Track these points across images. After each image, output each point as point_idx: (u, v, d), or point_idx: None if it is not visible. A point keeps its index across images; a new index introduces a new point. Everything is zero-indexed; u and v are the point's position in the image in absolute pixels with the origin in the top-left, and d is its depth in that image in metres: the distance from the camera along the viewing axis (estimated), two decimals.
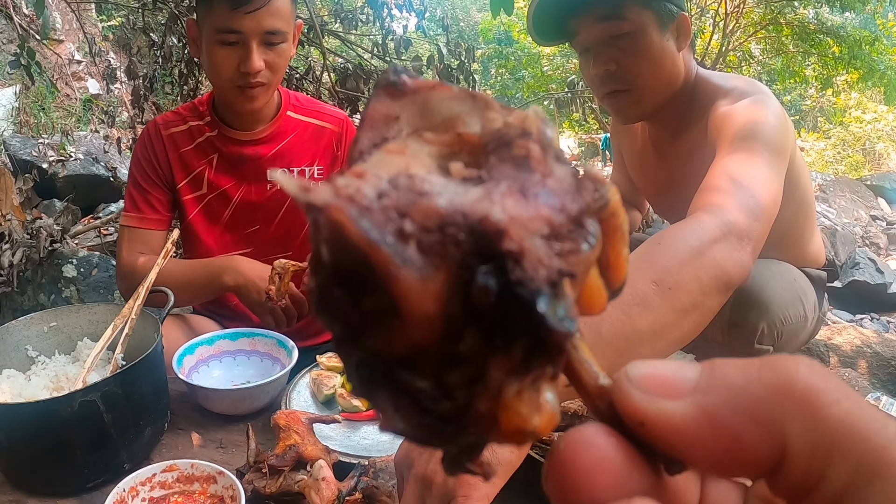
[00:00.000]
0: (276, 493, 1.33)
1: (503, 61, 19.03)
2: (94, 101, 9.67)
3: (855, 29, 13.36)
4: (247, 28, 2.00)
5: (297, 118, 2.33)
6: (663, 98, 2.05)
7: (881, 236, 9.86)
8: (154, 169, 2.26)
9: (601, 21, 1.94)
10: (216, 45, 2.05)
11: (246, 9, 1.97)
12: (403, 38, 5.16)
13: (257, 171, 2.29)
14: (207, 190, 2.30)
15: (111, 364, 1.64)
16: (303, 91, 4.97)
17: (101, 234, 5.41)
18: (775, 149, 1.72)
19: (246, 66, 2.03)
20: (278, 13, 2.03)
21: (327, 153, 2.34)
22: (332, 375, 1.82)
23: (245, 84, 2.08)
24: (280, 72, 2.15)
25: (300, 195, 0.31)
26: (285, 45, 2.10)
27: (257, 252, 2.33)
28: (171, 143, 2.27)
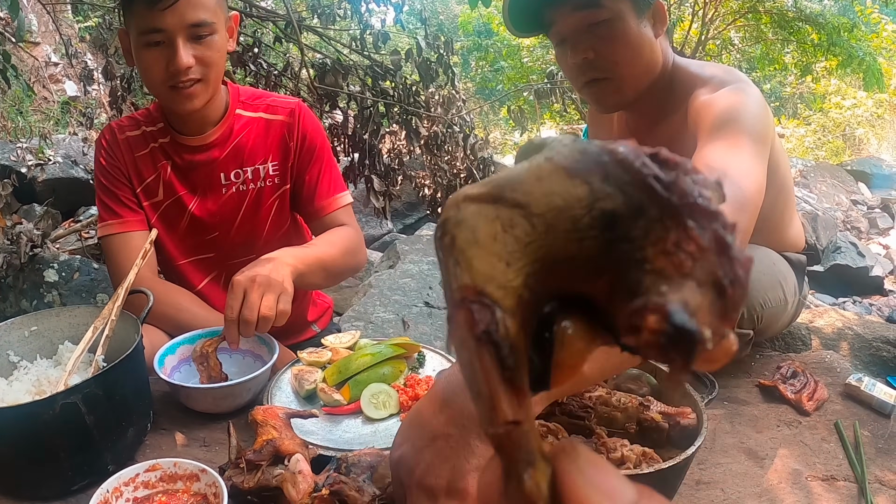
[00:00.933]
0: (254, 487, 1.34)
1: (483, 53, 18.99)
2: (71, 103, 9.62)
3: (834, 16, 13.40)
4: (169, 24, 1.92)
5: (246, 115, 2.27)
6: (642, 85, 2.04)
7: (862, 220, 9.95)
8: (118, 170, 2.21)
9: (577, 10, 1.93)
10: (143, 47, 1.98)
11: (163, 5, 1.89)
12: (381, 33, 5.16)
13: (211, 175, 2.24)
14: (163, 196, 2.25)
15: (92, 366, 1.64)
16: (282, 88, 4.96)
17: (82, 238, 5.39)
18: (757, 136, 1.74)
19: (174, 64, 1.96)
20: (201, 4, 1.96)
21: (280, 147, 2.27)
22: (314, 370, 1.82)
23: (178, 83, 2.00)
24: (215, 66, 2.05)
25: None
26: (215, 36, 2.02)
27: (219, 257, 2.32)
28: (127, 147, 2.22)
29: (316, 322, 2.61)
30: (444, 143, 5.54)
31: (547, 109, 16.92)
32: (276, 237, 2.28)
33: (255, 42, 4.96)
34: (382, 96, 5.04)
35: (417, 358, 1.93)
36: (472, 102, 13.87)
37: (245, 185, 2.26)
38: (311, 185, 2.28)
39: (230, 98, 2.26)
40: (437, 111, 5.51)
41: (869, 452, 1.82)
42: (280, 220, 2.35)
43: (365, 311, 3.87)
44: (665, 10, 2.00)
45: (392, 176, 5.29)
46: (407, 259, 4.86)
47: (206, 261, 2.34)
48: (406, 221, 8.67)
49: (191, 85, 2.01)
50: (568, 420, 1.47)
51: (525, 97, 12.34)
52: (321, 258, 2.10)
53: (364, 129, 4.91)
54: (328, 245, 2.18)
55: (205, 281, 2.35)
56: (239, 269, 1.89)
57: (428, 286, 4.27)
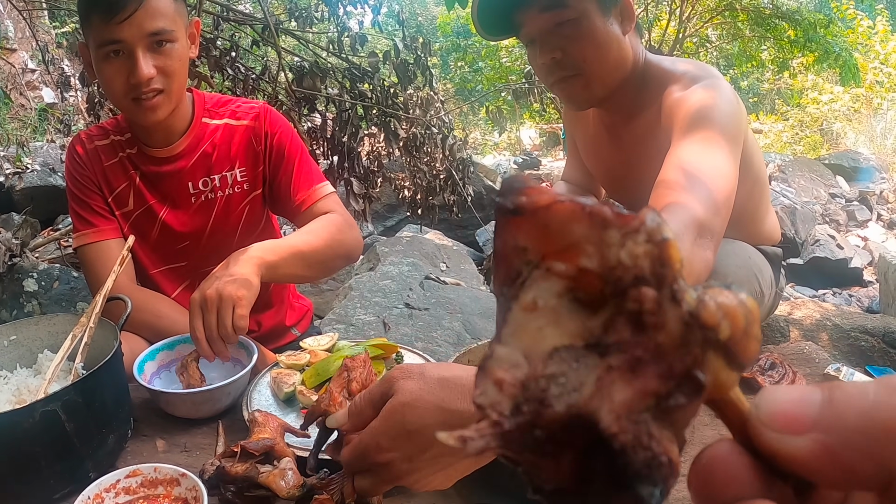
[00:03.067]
0: (241, 475, 1.35)
1: (461, 54, 19.04)
2: (49, 110, 9.58)
3: (810, 12, 13.54)
4: (127, 36, 1.91)
5: (212, 123, 2.27)
6: (612, 82, 2.08)
7: (840, 213, 10.07)
8: (88, 179, 2.20)
9: (544, 11, 1.97)
10: (102, 60, 1.96)
11: (120, 17, 1.88)
12: (359, 35, 5.17)
13: (179, 186, 2.23)
14: (134, 206, 2.24)
15: (72, 374, 1.64)
16: (260, 92, 4.96)
17: (62, 247, 5.38)
18: (730, 134, 1.79)
19: (135, 76, 1.94)
20: (158, 13, 1.93)
21: (247, 152, 2.27)
22: (292, 373, 1.83)
23: (140, 95, 1.98)
24: (177, 75, 2.03)
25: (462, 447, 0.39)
26: (175, 45, 2.00)
27: (192, 266, 2.32)
28: (97, 157, 2.21)
29: (296, 326, 2.62)
30: (423, 144, 5.56)
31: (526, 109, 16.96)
32: (247, 243, 2.28)
33: (233, 46, 4.95)
34: (361, 99, 5.06)
35: (395, 358, 1.94)
36: (451, 103, 13.86)
37: (213, 192, 2.26)
38: (287, 182, 2.27)
39: (195, 107, 2.25)
40: (416, 113, 5.53)
41: None
42: (251, 226, 2.35)
43: (345, 314, 3.88)
44: (632, 7, 2.04)
45: (371, 178, 5.31)
46: (387, 261, 4.87)
47: (178, 270, 2.34)
48: (387, 223, 8.67)
49: (153, 96, 2.00)
50: None
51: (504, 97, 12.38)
52: (297, 247, 2.06)
53: (343, 132, 4.92)
54: (308, 234, 2.15)
55: (178, 290, 2.35)
56: None
57: (408, 287, 4.29)
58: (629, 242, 0.40)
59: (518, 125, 19.76)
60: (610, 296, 0.41)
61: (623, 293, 0.40)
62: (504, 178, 0.70)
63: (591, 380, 0.39)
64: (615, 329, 0.40)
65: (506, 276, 0.43)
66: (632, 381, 0.39)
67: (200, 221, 2.27)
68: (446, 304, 4.16)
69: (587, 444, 0.39)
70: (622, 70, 2.08)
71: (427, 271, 4.71)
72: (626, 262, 0.40)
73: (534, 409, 0.39)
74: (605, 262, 0.41)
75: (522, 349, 0.41)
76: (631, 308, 0.40)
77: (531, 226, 0.43)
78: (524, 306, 0.42)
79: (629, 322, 0.40)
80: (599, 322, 0.41)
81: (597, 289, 0.41)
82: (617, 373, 0.39)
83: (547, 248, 0.42)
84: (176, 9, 2.01)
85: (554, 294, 0.42)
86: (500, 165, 14.11)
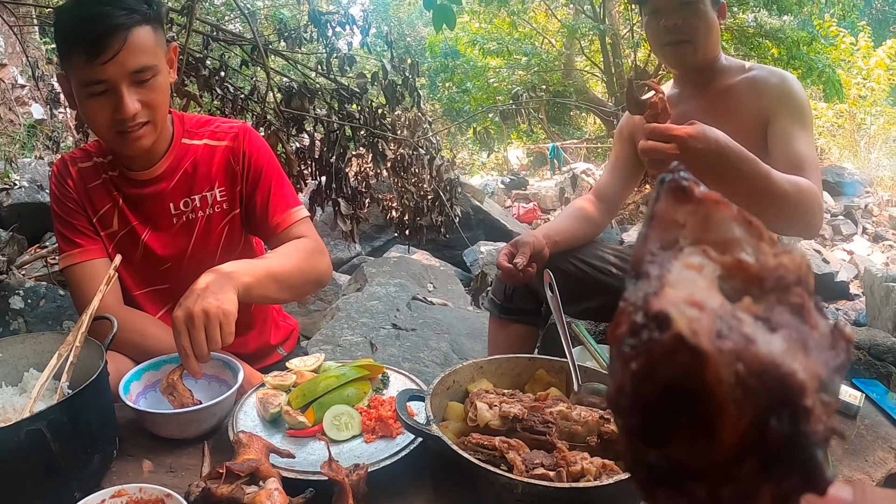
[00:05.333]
0: (226, 496, 1.36)
1: (449, 74, 19.15)
2: (38, 126, 9.57)
3: (793, 30, 13.69)
4: (110, 75, 1.90)
5: (192, 144, 2.27)
6: (710, 56, 2.60)
7: (826, 228, 10.25)
8: (72, 200, 2.21)
9: None
10: (86, 98, 1.96)
11: (103, 58, 1.88)
12: (347, 56, 5.19)
13: (161, 207, 2.24)
14: (118, 227, 2.25)
15: (57, 393, 1.65)
16: (249, 112, 4.98)
17: (48, 264, 5.36)
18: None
19: (120, 112, 1.94)
20: (140, 49, 1.93)
21: (226, 172, 2.28)
22: (278, 394, 1.84)
23: (125, 129, 1.99)
24: (160, 107, 2.04)
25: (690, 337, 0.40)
26: (158, 78, 2.00)
27: (174, 287, 2.29)
28: (80, 179, 2.22)
29: (282, 345, 2.62)
30: (411, 165, 5.58)
31: (514, 129, 17.07)
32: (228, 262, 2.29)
33: (222, 65, 4.97)
34: (349, 119, 5.07)
35: (381, 379, 1.96)
36: (439, 123, 13.91)
37: (194, 213, 2.27)
38: (263, 204, 2.28)
39: (175, 128, 2.26)
40: (404, 133, 5.55)
41: (837, 454, 1.87)
42: (231, 245, 2.36)
43: (333, 335, 3.88)
44: (726, 9, 2.66)
45: (359, 199, 5.32)
46: (374, 281, 4.88)
47: (161, 291, 2.34)
48: (374, 244, 8.69)
49: (138, 128, 2.01)
50: (529, 436, 1.51)
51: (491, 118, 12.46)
52: (271, 270, 2.07)
53: (331, 153, 4.93)
54: (281, 257, 2.16)
55: (161, 311, 2.35)
56: None
57: (395, 308, 4.30)
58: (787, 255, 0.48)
59: (506, 145, 19.84)
60: (770, 290, 0.46)
61: (787, 288, 0.46)
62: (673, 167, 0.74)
63: (778, 341, 0.42)
64: (779, 314, 0.45)
65: (662, 237, 0.48)
66: (806, 356, 0.43)
67: (182, 243, 2.28)
68: (433, 324, 4.17)
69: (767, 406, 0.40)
70: (716, 49, 2.62)
71: (414, 292, 4.72)
72: (789, 265, 0.47)
73: (740, 341, 0.41)
74: (763, 262, 0.47)
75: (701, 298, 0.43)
76: (794, 301, 0.46)
77: (693, 211, 0.49)
78: (688, 265, 0.46)
79: (794, 313, 0.45)
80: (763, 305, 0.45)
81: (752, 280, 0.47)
82: (795, 342, 0.43)
83: (704, 236, 0.48)
84: (156, 41, 2.01)
85: (712, 272, 0.46)
86: (487, 185, 14.15)
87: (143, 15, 1.94)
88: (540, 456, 1.44)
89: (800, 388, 0.40)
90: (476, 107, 16.35)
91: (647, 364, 0.41)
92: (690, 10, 2.49)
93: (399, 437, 1.71)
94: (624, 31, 15.96)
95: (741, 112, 2.54)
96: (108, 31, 1.87)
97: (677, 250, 0.47)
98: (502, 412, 1.53)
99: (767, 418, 0.40)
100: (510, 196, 14.10)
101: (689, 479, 0.43)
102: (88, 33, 1.88)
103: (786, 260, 0.47)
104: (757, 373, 0.40)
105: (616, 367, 0.44)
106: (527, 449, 1.46)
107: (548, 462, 1.42)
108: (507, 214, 11.11)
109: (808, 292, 0.47)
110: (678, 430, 0.42)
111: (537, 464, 1.41)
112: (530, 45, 17.69)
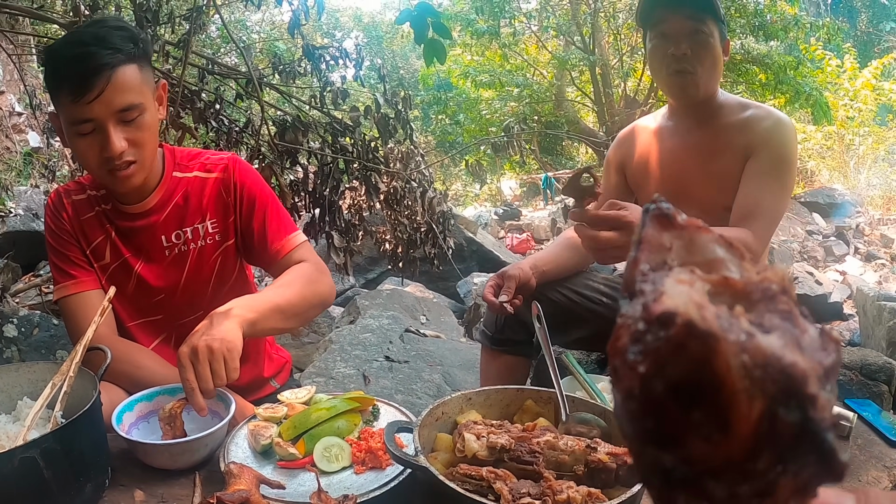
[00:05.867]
0: None
1: (442, 107, 19.25)
2: (34, 154, 9.59)
3: (780, 55, 13.88)
4: (97, 114, 1.94)
5: (183, 176, 2.31)
6: (711, 90, 2.61)
7: (818, 249, 10.33)
8: (67, 233, 2.24)
9: (689, 19, 2.51)
10: (75, 136, 2.00)
11: (88, 97, 1.91)
12: (341, 90, 5.24)
13: (153, 239, 2.27)
14: (110, 259, 2.27)
15: (51, 422, 1.66)
16: (243, 144, 5.01)
17: (42, 293, 5.37)
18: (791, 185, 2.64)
19: (107, 150, 1.98)
20: (126, 88, 1.97)
21: (218, 203, 2.31)
22: (269, 426, 1.86)
23: (113, 167, 2.03)
24: (147, 145, 2.08)
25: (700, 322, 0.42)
26: (145, 115, 2.04)
27: (167, 318, 2.34)
28: (74, 211, 2.25)
29: (274, 377, 2.63)
30: (404, 197, 5.62)
31: (507, 160, 17.14)
32: (221, 293, 2.30)
33: (217, 98, 5.01)
34: (342, 153, 5.11)
35: (372, 411, 1.97)
36: (433, 155, 13.97)
37: (186, 245, 2.29)
38: (260, 232, 2.30)
39: (166, 162, 2.29)
40: (396, 166, 5.59)
41: None
42: (224, 276, 2.38)
43: (326, 367, 3.89)
44: (730, 46, 2.67)
45: (353, 232, 5.35)
46: (367, 314, 4.90)
47: (154, 322, 2.36)
48: (368, 276, 8.72)
49: (126, 167, 2.04)
50: (517, 466, 1.53)
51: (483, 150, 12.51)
52: (275, 303, 2.09)
53: (324, 186, 4.96)
54: (283, 287, 2.18)
55: (155, 342, 2.36)
56: (187, 329, 1.92)
57: (388, 340, 4.31)
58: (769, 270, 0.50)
59: (499, 176, 19.90)
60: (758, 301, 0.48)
61: (773, 298, 0.48)
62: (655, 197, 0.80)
63: (776, 339, 0.44)
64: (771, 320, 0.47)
65: (651, 259, 0.51)
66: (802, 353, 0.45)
67: (174, 274, 2.30)
68: (426, 356, 4.19)
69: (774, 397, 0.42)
70: (716, 85, 2.64)
71: (407, 324, 4.74)
72: (773, 278, 0.49)
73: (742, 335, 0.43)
74: (748, 277, 0.50)
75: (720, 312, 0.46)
76: (783, 308, 0.48)
77: (678, 235, 0.52)
78: (679, 280, 0.48)
79: (784, 318, 0.47)
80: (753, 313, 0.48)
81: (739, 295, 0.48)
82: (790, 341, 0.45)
83: (690, 258, 0.52)
84: (142, 78, 2.04)
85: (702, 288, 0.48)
86: (481, 216, 14.19)
87: (128, 54, 1.98)
88: (527, 485, 1.46)
89: (803, 377, 0.42)
90: (469, 139, 16.45)
91: (656, 363, 0.42)
92: (700, 41, 2.50)
93: (388, 468, 1.72)
94: (614, 62, 16.11)
95: (731, 151, 2.57)
96: (93, 70, 1.91)
97: (667, 269, 0.50)
98: (490, 443, 1.55)
99: (776, 409, 0.42)
100: (504, 227, 14.16)
101: (707, 479, 0.44)
102: (74, 73, 1.92)
103: (769, 274, 0.50)
104: (762, 364, 0.42)
105: (621, 375, 0.45)
106: (514, 479, 1.48)
107: (534, 491, 1.43)
108: (501, 245, 11.16)
109: (794, 301, 0.49)
110: (692, 427, 0.43)
111: (524, 493, 1.42)
112: (522, 77, 17.83)
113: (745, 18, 13.74)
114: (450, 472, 1.51)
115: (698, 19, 2.50)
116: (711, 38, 2.51)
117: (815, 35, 15.07)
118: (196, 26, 4.63)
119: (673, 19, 2.53)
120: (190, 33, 4.53)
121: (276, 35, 17.73)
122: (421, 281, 7.55)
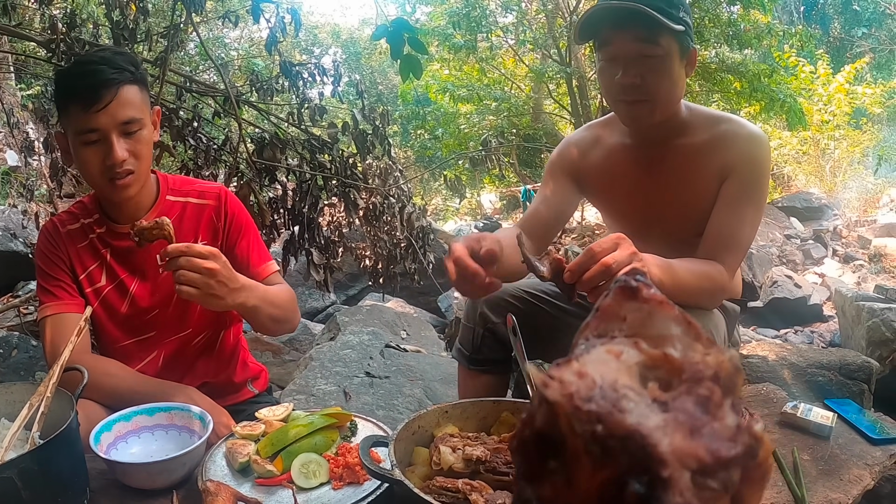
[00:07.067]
0: None
1: (421, 122, 19.31)
2: (12, 173, 9.53)
3: (754, 64, 14.02)
4: (103, 124, 2.13)
5: (176, 200, 2.45)
6: (670, 112, 2.37)
7: (797, 253, 10.46)
8: (59, 259, 2.34)
9: (638, 41, 2.22)
10: (81, 146, 2.17)
11: (97, 107, 2.10)
12: (318, 107, 5.24)
13: (148, 259, 2.36)
14: (106, 281, 2.38)
15: (28, 442, 1.67)
16: (221, 162, 5.02)
17: (21, 314, 5.34)
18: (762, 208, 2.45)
19: (110, 158, 2.15)
20: (130, 103, 2.17)
21: (209, 228, 2.44)
22: (247, 444, 1.87)
23: (114, 175, 2.18)
24: (144, 158, 2.25)
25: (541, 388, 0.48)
26: (143, 131, 2.22)
27: (159, 335, 2.43)
28: (69, 239, 2.37)
29: (252, 382, 2.66)
30: (383, 213, 5.62)
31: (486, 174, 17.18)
32: (210, 310, 2.36)
33: (195, 116, 5.01)
34: (320, 169, 5.11)
35: (349, 427, 1.99)
36: (412, 170, 14.00)
37: None
38: (244, 256, 2.44)
39: (160, 187, 2.43)
40: (375, 182, 5.60)
41: (812, 475, 1.92)
42: None
43: (306, 384, 3.89)
44: (696, 56, 2.38)
45: (332, 248, 5.35)
46: (347, 330, 4.90)
47: (148, 340, 2.44)
48: (349, 293, 8.72)
49: (125, 176, 2.18)
50: (493, 477, 1.55)
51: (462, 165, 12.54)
52: (271, 297, 2.27)
53: (303, 203, 4.96)
54: (277, 290, 2.36)
55: (148, 358, 2.44)
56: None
57: (368, 356, 4.31)
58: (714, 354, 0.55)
59: (478, 190, 19.95)
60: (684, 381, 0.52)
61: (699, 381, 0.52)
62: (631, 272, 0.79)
63: (657, 418, 0.48)
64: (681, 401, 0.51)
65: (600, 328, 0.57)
66: (690, 438, 0.48)
67: (168, 289, 2.35)
68: (407, 371, 4.19)
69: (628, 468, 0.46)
70: (677, 104, 2.39)
71: (387, 339, 4.74)
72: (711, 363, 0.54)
73: (606, 407, 0.47)
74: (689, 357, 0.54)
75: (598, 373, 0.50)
76: (703, 393, 0.51)
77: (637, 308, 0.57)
78: (609, 351, 0.53)
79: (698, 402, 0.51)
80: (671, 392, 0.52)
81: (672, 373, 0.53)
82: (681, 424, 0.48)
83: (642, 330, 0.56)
84: (142, 99, 2.24)
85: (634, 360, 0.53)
86: (461, 231, 14.22)
87: (131, 74, 2.19)
88: (503, 496, 1.48)
89: (660, 459, 0.45)
90: (447, 153, 16.49)
91: (528, 414, 0.50)
92: (652, 66, 2.23)
93: (366, 483, 1.74)
94: (590, 73, 16.19)
95: (704, 175, 2.38)
96: (101, 84, 2.12)
97: (609, 339, 0.56)
98: (465, 455, 1.57)
99: (627, 480, 0.45)
100: None
101: None
102: (85, 86, 2.12)
103: (710, 359, 0.54)
104: (619, 436, 0.46)
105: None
106: (490, 490, 1.50)
107: (510, 502, 1.45)
108: None
109: (725, 389, 0.53)
110: (546, 472, 0.49)
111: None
112: (500, 91, 17.89)
113: (720, 28, 13.85)
114: (426, 485, 1.52)
115: (649, 41, 2.21)
116: (667, 60, 2.23)
117: (789, 42, 15.23)
118: (173, 44, 4.64)
119: (620, 41, 2.26)
120: (167, 51, 4.53)
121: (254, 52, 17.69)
122: (402, 296, 7.56)
